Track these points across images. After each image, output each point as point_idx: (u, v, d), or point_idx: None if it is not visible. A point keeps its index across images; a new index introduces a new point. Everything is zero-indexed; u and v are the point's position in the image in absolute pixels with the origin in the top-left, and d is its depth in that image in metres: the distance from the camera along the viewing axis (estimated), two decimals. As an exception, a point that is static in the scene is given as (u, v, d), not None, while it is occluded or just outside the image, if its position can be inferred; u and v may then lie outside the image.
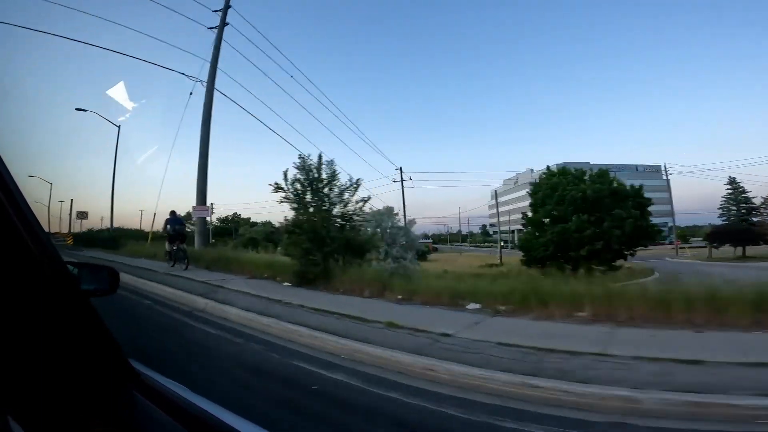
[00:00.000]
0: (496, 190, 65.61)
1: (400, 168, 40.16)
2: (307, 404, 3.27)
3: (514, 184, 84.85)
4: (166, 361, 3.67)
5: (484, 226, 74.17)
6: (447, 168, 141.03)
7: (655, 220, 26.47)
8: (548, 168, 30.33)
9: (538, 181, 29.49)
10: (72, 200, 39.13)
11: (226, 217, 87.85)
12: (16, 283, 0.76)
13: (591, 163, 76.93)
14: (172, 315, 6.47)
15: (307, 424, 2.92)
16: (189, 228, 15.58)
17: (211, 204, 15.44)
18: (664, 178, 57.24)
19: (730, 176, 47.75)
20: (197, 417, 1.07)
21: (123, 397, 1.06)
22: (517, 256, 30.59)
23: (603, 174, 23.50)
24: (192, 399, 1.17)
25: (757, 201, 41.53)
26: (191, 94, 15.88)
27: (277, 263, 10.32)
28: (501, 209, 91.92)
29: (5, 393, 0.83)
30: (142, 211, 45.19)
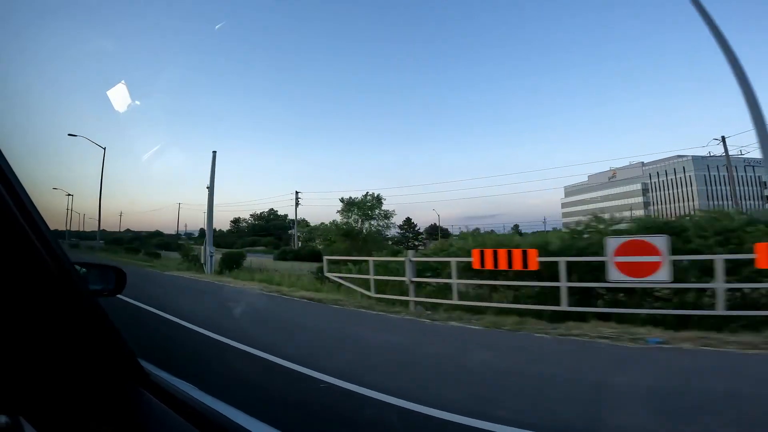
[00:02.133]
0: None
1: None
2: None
3: (609, 179, 72.62)
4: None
5: (516, 225, 65.14)
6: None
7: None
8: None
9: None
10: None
11: (262, 214, 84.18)
12: (25, 284, 0.78)
13: (713, 155, 64.65)
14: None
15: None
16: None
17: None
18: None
19: None
20: (207, 416, 1.09)
21: (132, 396, 1.08)
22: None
23: None
24: (202, 398, 1.19)
25: None
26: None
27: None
28: (578, 208, 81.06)
29: (17, 393, 0.86)
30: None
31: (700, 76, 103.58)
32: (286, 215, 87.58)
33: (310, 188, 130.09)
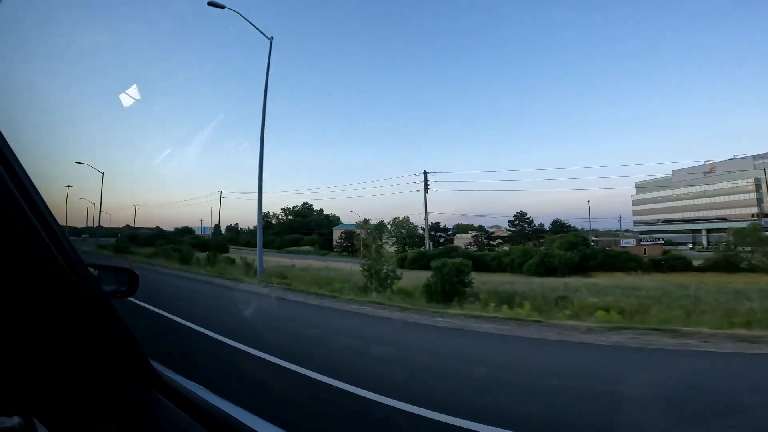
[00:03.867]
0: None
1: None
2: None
3: (705, 174, 63.04)
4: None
5: (554, 221, 58.49)
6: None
7: None
8: None
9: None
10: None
11: (294, 207, 75.90)
12: (38, 285, 0.78)
13: None
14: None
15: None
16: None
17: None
18: None
19: None
20: (218, 417, 1.11)
21: (144, 398, 1.10)
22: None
23: None
24: (212, 400, 1.21)
25: None
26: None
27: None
28: (657, 205, 72.78)
29: (29, 394, 0.87)
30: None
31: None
32: (321, 210, 79.54)
33: (316, 184, 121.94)
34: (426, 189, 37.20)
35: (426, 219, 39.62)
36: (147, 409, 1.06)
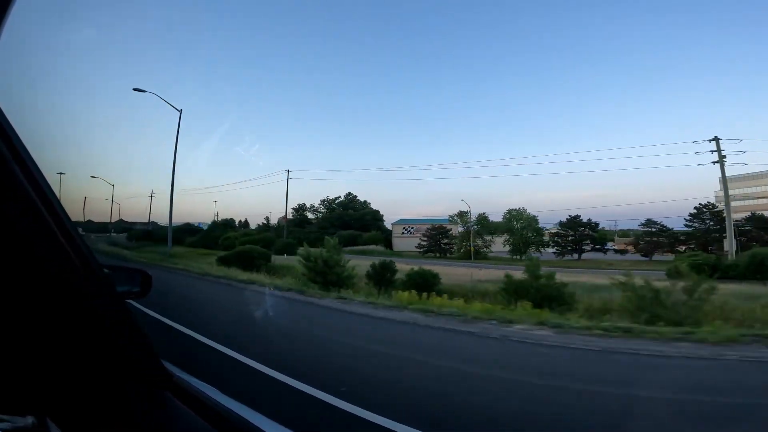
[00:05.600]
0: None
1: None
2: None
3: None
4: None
5: (750, 215, 47.09)
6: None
7: None
8: None
9: None
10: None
11: (336, 198, 64.10)
12: (52, 286, 0.77)
13: None
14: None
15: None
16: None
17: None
18: None
19: None
20: (228, 418, 1.11)
21: (157, 398, 1.09)
22: None
23: None
24: (223, 401, 1.22)
25: None
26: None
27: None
28: (756, 201, 64.96)
29: (43, 394, 0.87)
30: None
31: None
32: (365, 201, 66.90)
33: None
34: (722, 162, 25.53)
35: (727, 205, 26.21)
36: (159, 410, 1.07)
